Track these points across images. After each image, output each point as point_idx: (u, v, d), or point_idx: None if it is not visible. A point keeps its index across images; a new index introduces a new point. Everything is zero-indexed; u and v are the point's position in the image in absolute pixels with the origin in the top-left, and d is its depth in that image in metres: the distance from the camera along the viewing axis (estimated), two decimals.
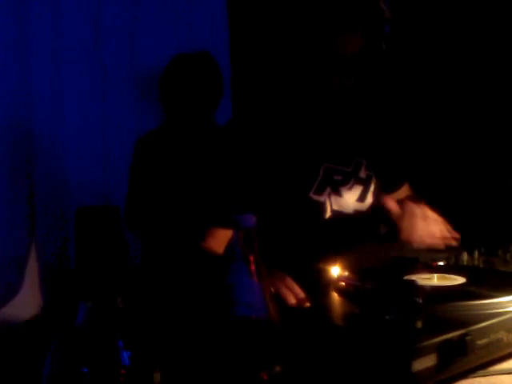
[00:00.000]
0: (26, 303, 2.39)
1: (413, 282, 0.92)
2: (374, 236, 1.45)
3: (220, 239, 1.22)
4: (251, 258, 0.78)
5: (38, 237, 2.49)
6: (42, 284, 2.45)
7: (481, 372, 0.85)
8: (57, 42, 2.51)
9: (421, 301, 0.85)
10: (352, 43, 1.21)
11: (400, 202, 1.36)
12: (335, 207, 1.34)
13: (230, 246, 1.13)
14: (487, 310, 0.88)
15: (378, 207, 1.40)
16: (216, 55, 2.35)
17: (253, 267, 0.78)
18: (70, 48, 2.53)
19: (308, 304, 1.00)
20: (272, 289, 0.85)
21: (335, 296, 1.04)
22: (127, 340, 0.61)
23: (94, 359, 0.61)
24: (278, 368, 0.76)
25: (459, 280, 1.04)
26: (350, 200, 1.36)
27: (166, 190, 2.12)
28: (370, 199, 1.39)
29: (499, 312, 0.87)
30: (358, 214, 1.37)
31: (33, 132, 2.48)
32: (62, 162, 2.52)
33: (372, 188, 1.40)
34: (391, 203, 1.32)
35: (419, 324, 0.81)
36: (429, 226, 1.31)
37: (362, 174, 1.38)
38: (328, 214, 1.33)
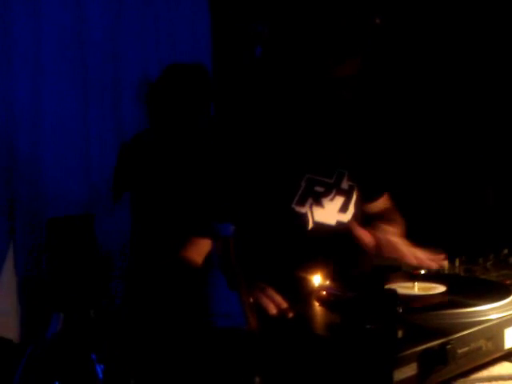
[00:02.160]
0: (3, 314, 2.34)
1: (393, 291, 0.92)
2: (356, 246, 1.45)
3: (200, 249, 1.20)
4: (229, 267, 0.77)
5: (17, 247, 2.44)
6: (19, 294, 2.40)
7: (461, 380, 0.84)
8: (38, 48, 2.48)
9: (401, 310, 0.85)
10: (347, 65, 1.21)
11: (371, 226, 1.33)
12: (317, 218, 1.33)
13: (210, 255, 1.12)
14: (467, 318, 0.88)
15: (360, 218, 1.40)
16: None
17: (231, 277, 0.77)
18: (51, 55, 2.51)
19: (290, 314, 0.99)
20: (251, 299, 0.84)
21: (316, 305, 1.03)
22: (101, 353, 0.60)
23: (66, 372, 0.59)
24: (258, 379, 0.75)
25: (440, 288, 1.04)
26: (331, 211, 1.36)
27: (149, 196, 2.11)
28: (352, 210, 1.39)
29: (479, 320, 0.87)
30: (340, 225, 1.36)
31: (12, 139, 2.44)
32: (41, 170, 2.48)
33: (354, 199, 1.40)
34: (362, 233, 1.29)
35: (400, 333, 0.81)
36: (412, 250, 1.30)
37: (344, 185, 1.38)
38: (310, 225, 1.32)
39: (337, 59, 1.20)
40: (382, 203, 1.51)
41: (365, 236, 1.28)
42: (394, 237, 1.30)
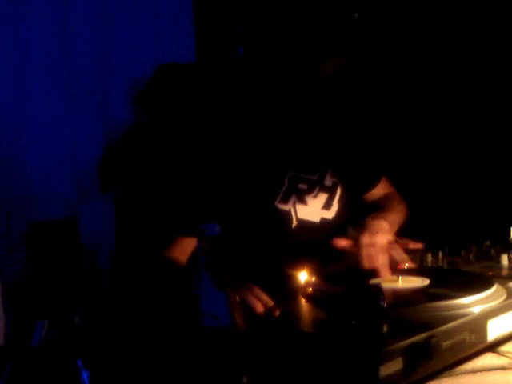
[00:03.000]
0: None
1: (377, 285, 0.92)
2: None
3: (184, 248, 1.20)
4: (215, 267, 0.77)
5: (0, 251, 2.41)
6: (4, 301, 2.37)
7: (447, 373, 0.85)
8: (22, 47, 2.45)
9: (385, 304, 0.86)
10: (329, 63, 1.21)
11: (360, 225, 1.26)
12: (301, 216, 1.34)
13: (194, 255, 1.12)
14: (451, 311, 0.89)
15: (344, 214, 1.40)
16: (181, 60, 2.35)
17: (217, 277, 0.77)
18: (35, 55, 2.47)
19: (276, 312, 0.99)
20: (238, 298, 0.84)
21: (303, 302, 1.03)
22: (86, 358, 0.59)
23: (52, 379, 0.59)
24: (246, 379, 0.75)
25: (423, 282, 1.05)
26: (315, 208, 1.36)
27: (134, 196, 2.10)
28: (335, 206, 1.40)
29: (463, 313, 0.89)
30: (324, 222, 1.37)
31: None
32: (25, 171, 2.45)
33: (338, 195, 1.41)
34: (343, 243, 1.24)
35: (385, 328, 0.81)
36: (387, 256, 1.18)
37: (328, 182, 1.39)
38: (294, 222, 1.33)
39: (318, 57, 1.21)
40: (380, 190, 1.52)
41: (344, 244, 1.24)
42: (375, 237, 1.20)
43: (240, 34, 1.27)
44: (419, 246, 1.24)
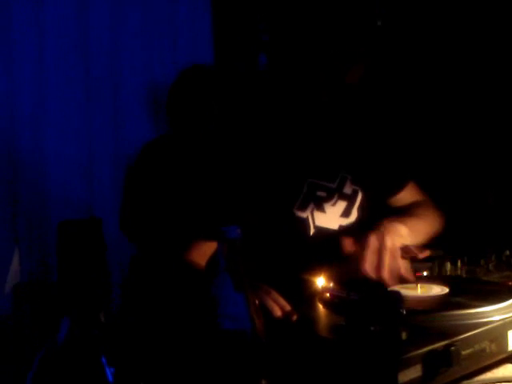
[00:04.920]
0: (8, 317, 2.35)
1: (397, 292, 0.92)
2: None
3: (203, 252, 1.21)
4: (235, 270, 0.77)
5: (21, 250, 2.45)
6: (24, 297, 2.41)
7: (465, 382, 0.85)
8: (41, 51, 2.49)
9: (405, 312, 0.86)
10: (351, 71, 1.21)
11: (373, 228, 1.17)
12: (318, 223, 1.33)
13: (214, 258, 1.12)
14: (471, 319, 0.89)
15: (365, 220, 1.39)
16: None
17: (237, 280, 0.78)
18: (54, 57, 2.51)
19: (294, 316, 0.99)
20: (257, 301, 0.84)
21: (320, 308, 1.03)
22: (111, 356, 0.60)
23: (76, 377, 0.60)
24: (264, 381, 0.76)
25: (442, 290, 1.04)
26: (333, 216, 1.35)
27: (160, 201, 2.12)
28: (355, 214, 1.38)
29: (483, 322, 0.88)
30: (342, 229, 1.36)
31: (15, 142, 2.44)
32: (44, 172, 2.49)
33: (358, 203, 1.39)
34: (348, 243, 1.16)
35: (404, 335, 0.81)
36: (392, 263, 1.10)
37: (347, 190, 1.38)
38: (311, 230, 1.33)
39: (341, 65, 1.21)
40: (407, 196, 1.46)
41: (348, 244, 1.16)
42: (385, 238, 1.11)
43: (263, 43, 1.28)
44: (426, 253, 1.15)
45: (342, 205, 1.37)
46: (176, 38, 2.81)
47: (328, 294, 1.08)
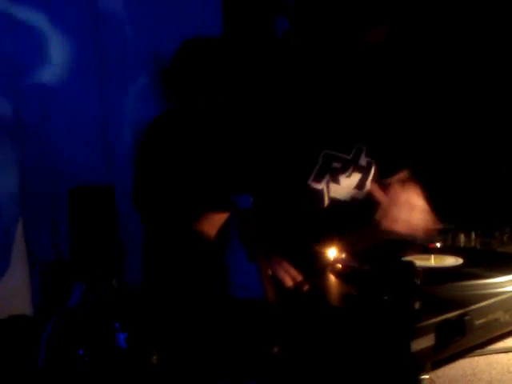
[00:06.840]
0: (15, 293, 2.38)
1: (411, 262, 0.91)
2: (369, 222, 1.44)
3: (214, 222, 1.21)
4: (248, 239, 0.77)
5: (27, 222, 2.46)
6: (30, 271, 2.43)
7: (478, 351, 0.85)
8: (52, 15, 2.46)
9: (419, 282, 0.85)
10: (374, 32, 1.18)
11: (387, 186, 1.32)
12: (332, 195, 1.33)
13: (225, 229, 1.12)
14: (485, 290, 0.88)
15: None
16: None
17: (249, 249, 0.77)
18: (62, 23, 2.49)
19: (305, 286, 0.99)
20: (269, 271, 0.84)
21: (332, 278, 1.03)
22: (123, 321, 0.60)
23: (89, 341, 0.60)
24: (276, 349, 0.76)
25: (457, 261, 1.03)
26: (347, 188, 1.35)
27: (173, 173, 2.12)
28: (368, 186, 1.38)
29: (497, 292, 0.87)
30: (355, 201, 1.36)
31: (21, 108, 2.43)
32: (52, 140, 2.48)
33: (371, 176, 1.38)
34: (377, 192, 1.28)
35: (417, 304, 0.81)
36: (411, 215, 1.23)
37: (362, 162, 1.37)
38: (326, 202, 1.32)
39: (364, 25, 1.17)
40: (403, 177, 1.49)
41: (378, 193, 1.26)
42: (403, 195, 1.24)
43: (283, 6, 1.24)
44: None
45: (356, 177, 1.36)
46: (184, 6, 2.77)
47: (340, 265, 1.07)
